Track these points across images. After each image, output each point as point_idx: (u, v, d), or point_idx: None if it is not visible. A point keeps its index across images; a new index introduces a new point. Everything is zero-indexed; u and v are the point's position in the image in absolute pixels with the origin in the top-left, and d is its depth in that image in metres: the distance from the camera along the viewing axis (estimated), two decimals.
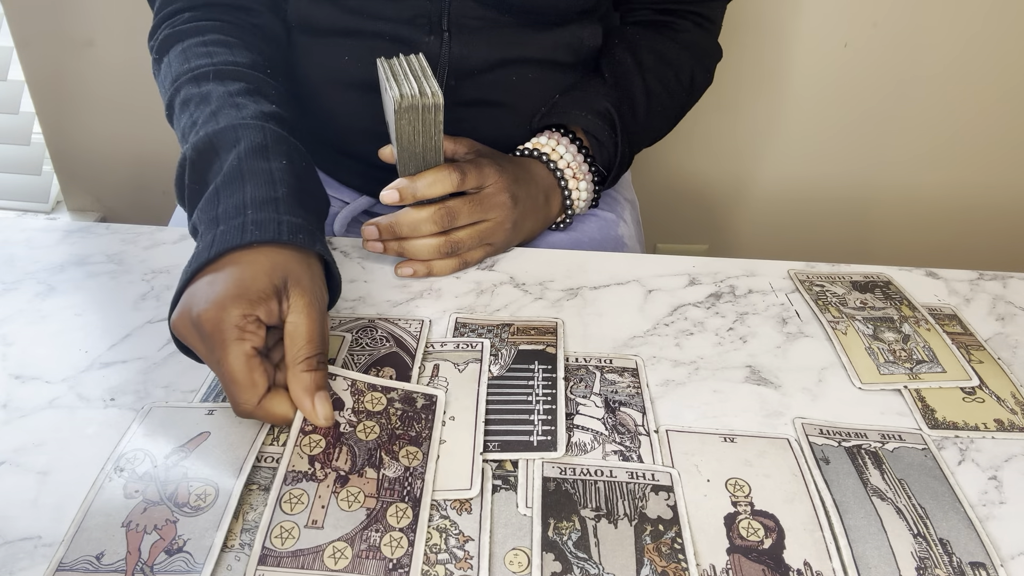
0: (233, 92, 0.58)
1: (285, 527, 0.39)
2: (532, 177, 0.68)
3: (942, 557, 0.40)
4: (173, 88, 0.61)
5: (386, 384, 0.48)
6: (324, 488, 0.41)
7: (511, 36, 0.71)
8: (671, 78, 0.76)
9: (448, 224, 0.61)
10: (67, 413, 0.47)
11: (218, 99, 0.57)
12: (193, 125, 0.57)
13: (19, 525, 0.40)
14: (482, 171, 0.62)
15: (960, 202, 1.36)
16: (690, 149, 1.33)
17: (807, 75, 1.24)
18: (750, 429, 0.49)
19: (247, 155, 0.52)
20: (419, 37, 0.69)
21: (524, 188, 0.66)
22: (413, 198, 0.60)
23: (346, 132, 0.76)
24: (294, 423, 0.45)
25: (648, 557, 0.39)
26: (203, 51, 0.62)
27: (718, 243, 1.44)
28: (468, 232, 0.62)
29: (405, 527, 0.40)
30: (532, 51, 0.72)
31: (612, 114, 0.72)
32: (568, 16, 0.72)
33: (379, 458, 0.43)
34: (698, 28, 0.79)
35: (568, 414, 0.49)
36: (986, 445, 0.48)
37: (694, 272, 0.65)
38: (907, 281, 0.64)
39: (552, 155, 0.70)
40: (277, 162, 0.53)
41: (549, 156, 0.70)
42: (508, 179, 0.64)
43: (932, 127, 1.28)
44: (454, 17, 0.68)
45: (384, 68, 0.58)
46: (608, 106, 0.72)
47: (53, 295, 0.58)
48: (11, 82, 1.32)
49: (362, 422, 0.45)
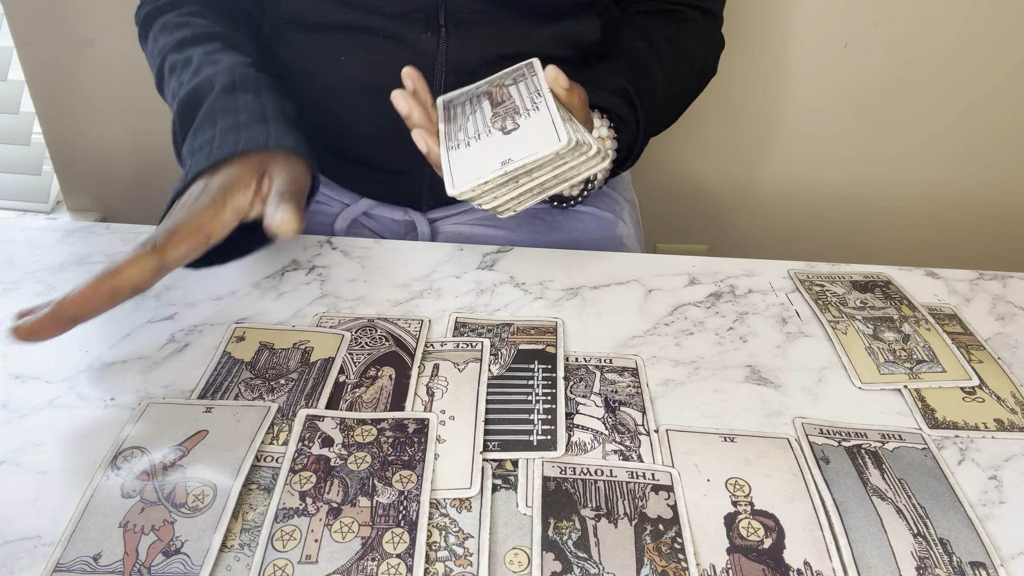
0: (210, 51, 0.63)
1: (278, 565, 0.38)
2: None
3: (942, 557, 0.40)
4: (160, 58, 0.66)
5: (375, 416, 0.47)
6: (316, 522, 0.40)
7: (508, 31, 0.70)
8: (684, 64, 0.76)
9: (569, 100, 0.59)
10: (67, 413, 0.47)
11: (198, 59, 0.63)
12: (180, 86, 0.62)
13: (19, 525, 0.40)
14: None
15: (960, 202, 1.36)
16: (690, 149, 1.33)
17: (807, 75, 1.24)
18: (750, 429, 0.49)
19: (218, 96, 0.58)
20: (416, 34, 0.68)
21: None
22: None
23: (346, 134, 0.76)
24: (284, 462, 0.44)
25: (648, 557, 0.39)
26: (182, 21, 0.68)
27: (718, 243, 1.44)
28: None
29: (402, 552, 0.39)
30: (530, 46, 0.71)
31: (630, 92, 0.69)
32: (566, 8, 0.71)
33: (372, 486, 0.42)
34: (704, 17, 0.79)
35: (568, 414, 0.49)
36: (986, 445, 0.48)
37: (694, 272, 0.65)
38: (907, 281, 0.64)
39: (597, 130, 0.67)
40: (244, 97, 0.58)
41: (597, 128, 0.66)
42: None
43: (932, 127, 1.28)
44: (451, 12, 0.68)
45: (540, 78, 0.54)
46: (624, 84, 0.69)
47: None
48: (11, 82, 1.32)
49: (353, 454, 0.44)
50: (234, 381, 0.50)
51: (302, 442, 0.45)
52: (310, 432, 0.46)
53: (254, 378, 0.50)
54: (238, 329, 0.54)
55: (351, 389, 0.50)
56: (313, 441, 0.45)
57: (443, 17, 0.68)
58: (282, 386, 0.49)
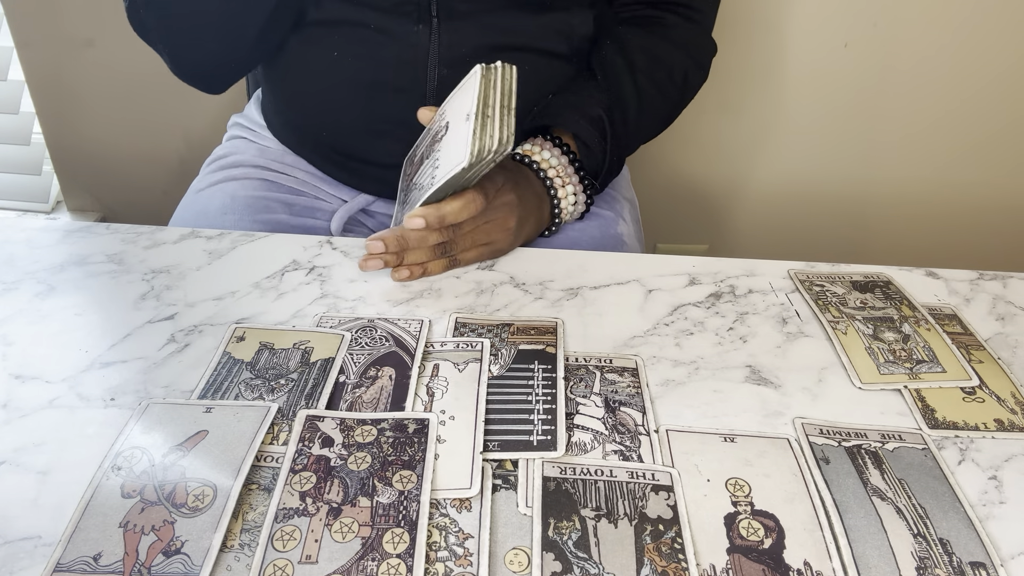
0: None
1: (278, 565, 0.38)
2: (528, 182, 0.68)
3: (942, 557, 0.40)
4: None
5: (375, 417, 0.47)
6: (317, 522, 0.40)
7: (500, 21, 0.70)
8: (663, 78, 0.75)
9: (452, 235, 0.62)
10: (67, 413, 0.47)
11: None
12: None
13: (19, 525, 0.40)
14: (493, 180, 0.63)
15: (960, 202, 1.36)
16: (690, 149, 1.33)
17: (807, 75, 1.24)
18: (750, 429, 0.49)
19: None
20: (407, 27, 0.68)
21: (523, 191, 0.66)
22: (439, 224, 0.60)
23: (341, 130, 0.76)
24: (284, 462, 0.44)
25: (648, 557, 0.39)
26: None
27: (718, 243, 1.44)
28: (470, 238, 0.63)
29: (402, 552, 0.39)
30: (523, 38, 0.71)
31: (603, 120, 0.71)
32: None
33: (372, 486, 0.42)
34: (688, 23, 0.77)
35: (568, 414, 0.49)
36: (986, 445, 0.48)
37: (694, 272, 0.65)
38: (907, 281, 0.64)
39: (542, 163, 0.70)
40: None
41: (539, 164, 0.70)
42: (511, 182, 0.65)
43: (932, 127, 1.28)
44: (443, 2, 0.68)
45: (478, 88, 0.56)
46: (600, 112, 0.71)
47: (53, 295, 0.58)
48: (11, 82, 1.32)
49: (353, 454, 0.44)
50: (234, 381, 0.50)
51: (302, 442, 0.45)
52: (310, 432, 0.46)
53: (254, 378, 0.50)
54: (238, 329, 0.55)
55: (351, 389, 0.50)
56: (313, 441, 0.45)
57: (435, 8, 0.68)
58: (282, 386, 0.50)
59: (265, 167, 0.81)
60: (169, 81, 0.75)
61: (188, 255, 0.63)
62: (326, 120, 0.76)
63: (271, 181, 0.80)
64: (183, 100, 1.28)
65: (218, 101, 1.25)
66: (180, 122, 1.32)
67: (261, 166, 0.81)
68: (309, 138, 0.80)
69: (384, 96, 0.72)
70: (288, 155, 0.83)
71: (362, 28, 0.69)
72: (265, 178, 0.80)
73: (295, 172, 0.81)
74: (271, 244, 0.65)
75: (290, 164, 0.82)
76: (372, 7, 0.68)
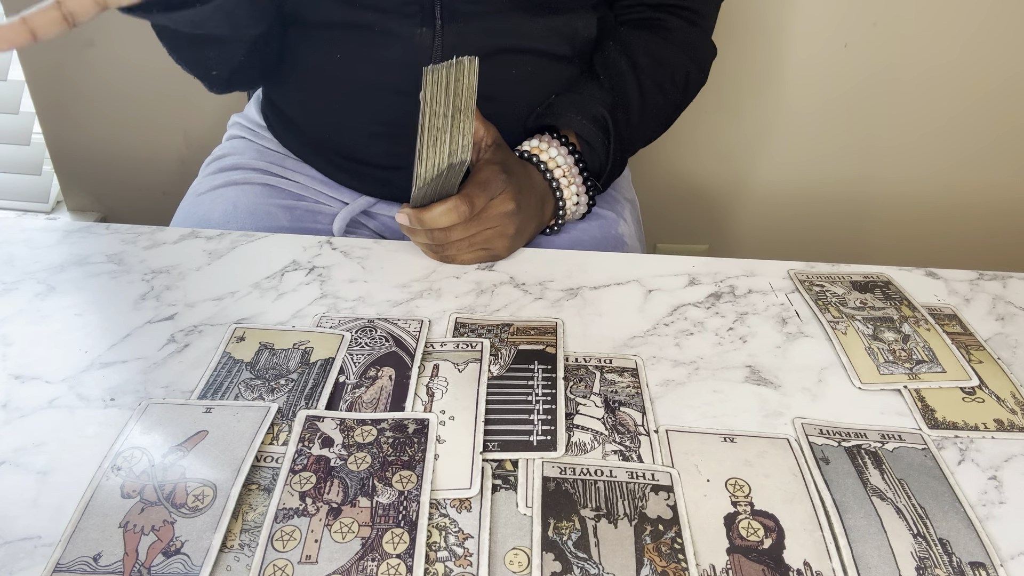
0: None
1: (278, 565, 0.38)
2: (532, 183, 0.68)
3: (942, 557, 0.40)
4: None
5: (375, 417, 0.47)
6: (316, 522, 0.40)
7: (505, 24, 0.70)
8: (666, 79, 0.76)
9: (443, 238, 0.62)
10: (67, 413, 0.47)
11: None
12: None
13: (19, 525, 0.40)
14: (488, 187, 0.63)
15: (960, 202, 1.36)
16: (690, 149, 1.33)
17: (807, 75, 1.24)
18: (750, 429, 0.49)
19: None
20: (411, 29, 0.68)
21: (526, 196, 0.66)
22: (421, 226, 0.62)
23: (343, 131, 0.76)
24: (284, 463, 0.44)
25: (648, 557, 0.39)
26: None
27: (718, 243, 1.44)
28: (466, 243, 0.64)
29: (402, 552, 0.39)
30: (527, 40, 0.71)
31: (607, 120, 0.72)
32: (563, 1, 0.71)
33: (372, 486, 0.42)
34: (690, 26, 0.78)
35: (568, 414, 0.49)
36: (986, 445, 0.48)
37: (694, 272, 0.65)
38: (907, 281, 0.64)
39: (549, 162, 0.70)
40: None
41: (546, 164, 0.70)
42: (514, 188, 0.65)
43: (932, 127, 1.28)
44: (447, 4, 0.68)
45: (426, 94, 0.56)
46: (604, 112, 0.72)
47: (53, 295, 0.58)
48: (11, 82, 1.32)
49: (353, 454, 0.44)
50: (234, 381, 0.50)
51: (302, 442, 0.45)
52: (310, 432, 0.46)
53: (254, 378, 0.50)
54: (238, 329, 0.55)
55: (351, 389, 0.50)
56: (313, 441, 0.45)
57: (439, 10, 0.68)
58: (282, 386, 0.50)
59: (265, 171, 0.81)
60: (169, 81, 0.76)
61: (188, 255, 0.63)
62: (327, 121, 0.76)
63: (272, 186, 0.80)
64: (183, 100, 1.28)
65: (218, 101, 1.25)
66: (180, 122, 1.32)
67: (262, 170, 0.81)
68: (310, 139, 0.80)
69: (386, 98, 0.72)
70: (288, 158, 0.83)
71: (365, 30, 0.69)
72: (266, 183, 0.80)
73: (296, 176, 0.81)
74: (271, 244, 0.66)
75: (291, 168, 0.82)
76: (376, 9, 0.68)
